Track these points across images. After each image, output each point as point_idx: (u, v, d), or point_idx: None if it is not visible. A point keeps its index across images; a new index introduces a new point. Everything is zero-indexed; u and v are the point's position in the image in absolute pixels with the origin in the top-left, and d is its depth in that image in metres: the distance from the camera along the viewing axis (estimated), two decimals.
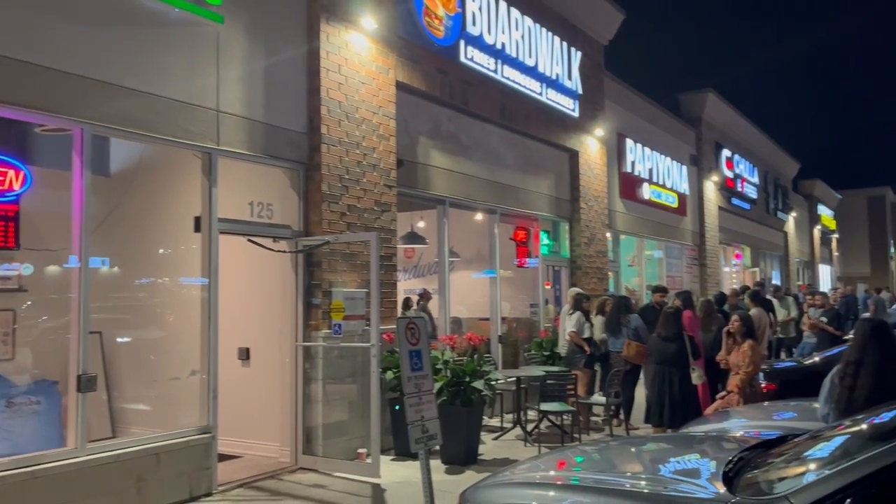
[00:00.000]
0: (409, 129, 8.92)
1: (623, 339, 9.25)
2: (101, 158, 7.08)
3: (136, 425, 6.93)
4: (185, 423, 6.43)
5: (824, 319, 11.91)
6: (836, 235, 43.11)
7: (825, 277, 38.35)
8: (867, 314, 18.26)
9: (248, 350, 7.88)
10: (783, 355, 13.73)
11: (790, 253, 29.47)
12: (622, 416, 9.06)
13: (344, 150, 7.74)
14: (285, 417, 7.41)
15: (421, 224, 11.70)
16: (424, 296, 11.05)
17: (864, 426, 3.07)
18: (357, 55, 7.96)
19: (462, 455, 7.25)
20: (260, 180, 7.48)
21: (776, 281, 26.12)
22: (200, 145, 6.49)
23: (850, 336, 12.53)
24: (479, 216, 11.00)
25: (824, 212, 38.00)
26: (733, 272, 22.50)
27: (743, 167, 22.61)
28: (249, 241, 7.14)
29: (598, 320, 9.76)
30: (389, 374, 7.64)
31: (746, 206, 22.95)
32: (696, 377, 6.95)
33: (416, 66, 8.88)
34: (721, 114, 20.72)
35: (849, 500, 2.25)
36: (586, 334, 9.32)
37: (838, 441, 3.03)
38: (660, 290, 10.32)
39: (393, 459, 7.58)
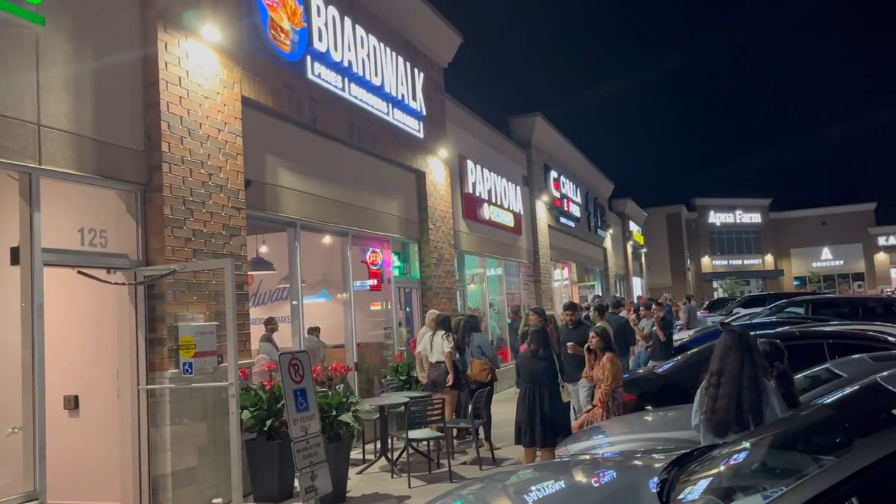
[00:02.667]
0: (257, 148, 8.35)
1: (468, 358, 9.29)
2: None
3: None
4: (4, 491, 5.43)
5: (654, 330, 12.68)
6: (644, 250, 46.97)
7: (637, 289, 41.55)
8: (680, 322, 19.87)
9: (76, 398, 6.90)
10: None
11: (609, 267, 31.59)
12: (482, 437, 9.01)
13: (187, 170, 7.06)
14: (126, 471, 6.55)
15: (263, 248, 11.04)
16: (270, 325, 10.40)
17: (781, 439, 3.13)
18: (199, 67, 7.33)
19: (331, 495, 6.75)
20: (91, 204, 6.61)
21: (598, 294, 27.81)
22: (17, 164, 5.58)
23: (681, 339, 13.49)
24: (329, 239, 10.58)
25: (634, 228, 41.28)
26: (563, 287, 23.62)
27: (568, 187, 23.90)
28: (80, 273, 6.25)
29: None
30: (246, 414, 7.02)
31: (572, 224, 24.27)
32: (565, 394, 7.03)
33: (264, 82, 8.36)
34: (548, 137, 21.79)
35: None
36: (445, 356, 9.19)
37: (766, 456, 3.05)
38: (570, 308, 9.87)
39: None
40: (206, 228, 7.23)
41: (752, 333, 4.89)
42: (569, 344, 8.96)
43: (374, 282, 11.08)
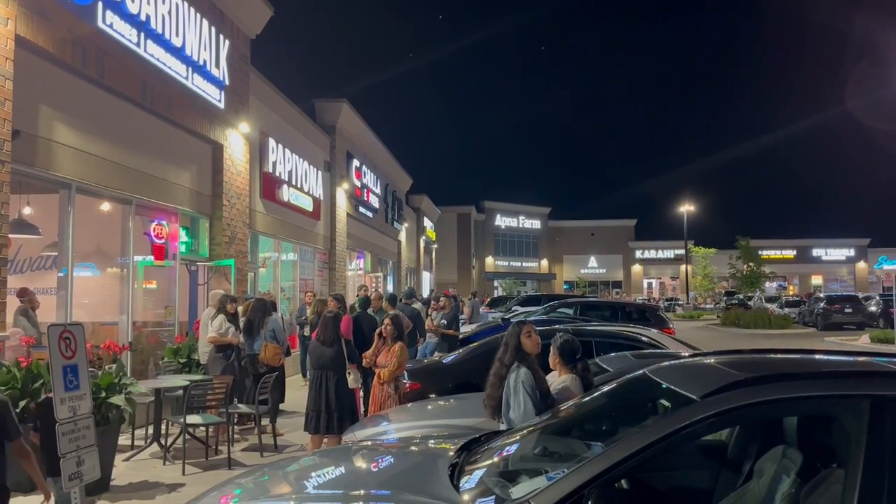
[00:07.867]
0: (30, 96, 7.40)
1: (261, 342, 9.04)
2: None
3: None
4: None
5: (444, 322, 13.17)
6: (435, 246, 48.58)
7: (426, 283, 42.89)
8: (464, 317, 20.83)
9: None
10: None
11: (402, 260, 32.26)
12: (265, 423, 8.75)
13: None
14: None
15: (27, 210, 9.82)
16: (26, 297, 9.28)
17: (565, 424, 3.36)
18: None
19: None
20: None
21: (390, 286, 28.31)
22: None
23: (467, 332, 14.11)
24: (109, 206, 9.66)
25: (428, 224, 42.55)
26: (357, 276, 23.71)
27: (369, 178, 24.02)
28: None
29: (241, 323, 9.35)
30: None
31: (371, 214, 24.43)
32: (352, 381, 7.02)
33: (45, 23, 7.42)
34: (353, 125, 21.71)
35: (588, 500, 2.42)
36: (230, 338, 8.83)
37: (550, 441, 3.27)
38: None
39: None
40: None
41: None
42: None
43: (157, 257, 10.31)
